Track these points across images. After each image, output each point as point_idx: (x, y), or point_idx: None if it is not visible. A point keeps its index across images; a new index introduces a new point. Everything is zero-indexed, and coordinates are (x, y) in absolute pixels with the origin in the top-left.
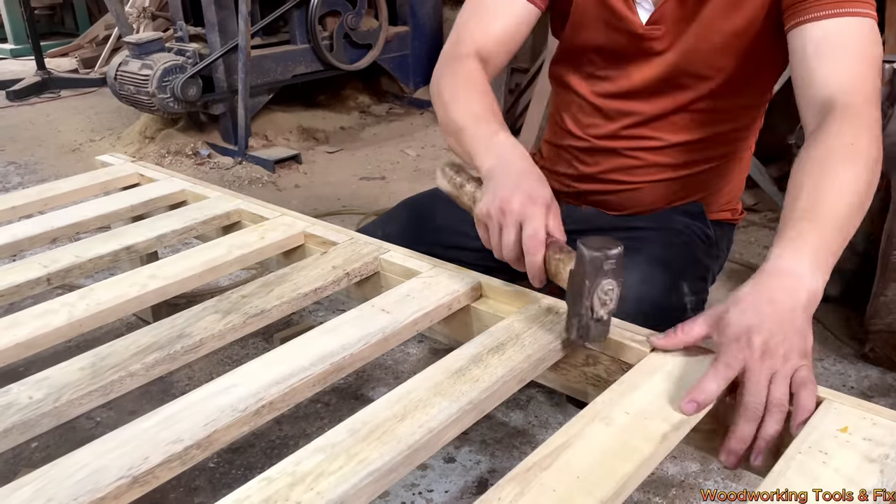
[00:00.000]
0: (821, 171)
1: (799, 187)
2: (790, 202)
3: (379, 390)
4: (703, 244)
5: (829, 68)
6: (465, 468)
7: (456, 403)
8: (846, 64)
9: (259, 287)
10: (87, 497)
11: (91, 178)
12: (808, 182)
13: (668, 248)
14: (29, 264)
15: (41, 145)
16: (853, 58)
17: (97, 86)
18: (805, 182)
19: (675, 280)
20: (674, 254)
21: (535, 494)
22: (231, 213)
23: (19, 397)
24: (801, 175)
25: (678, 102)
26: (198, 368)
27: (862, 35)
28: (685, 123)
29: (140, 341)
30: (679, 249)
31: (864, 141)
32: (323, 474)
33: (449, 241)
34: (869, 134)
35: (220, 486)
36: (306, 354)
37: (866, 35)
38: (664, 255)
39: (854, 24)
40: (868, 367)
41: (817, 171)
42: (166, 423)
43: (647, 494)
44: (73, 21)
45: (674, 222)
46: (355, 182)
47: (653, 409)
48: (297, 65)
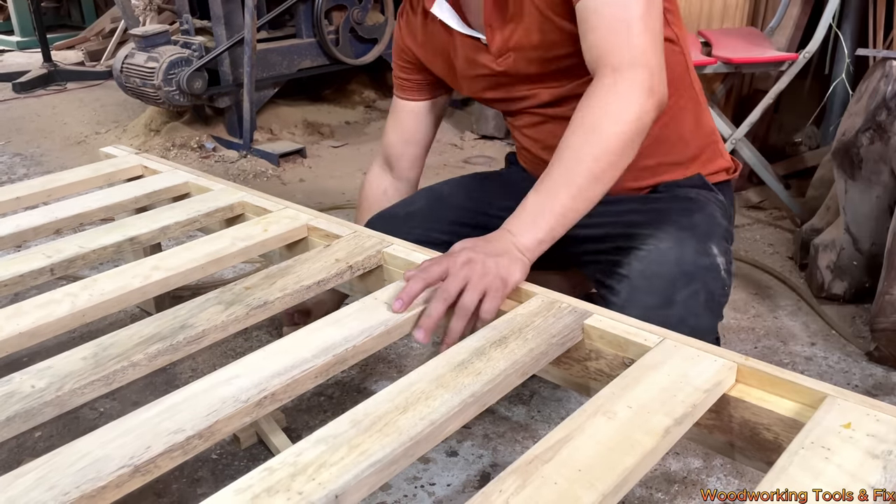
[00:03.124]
0: (559, 147)
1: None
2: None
3: (382, 384)
4: (718, 208)
5: (588, 42)
6: (468, 462)
7: (458, 396)
8: (601, 36)
9: (262, 279)
10: (89, 485)
11: (95, 169)
12: (555, 154)
13: (690, 215)
14: (33, 254)
15: (47, 137)
16: (608, 27)
17: (103, 78)
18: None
19: (704, 243)
20: (697, 220)
21: (536, 487)
22: (234, 205)
23: (22, 386)
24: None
25: (560, 84)
26: (201, 360)
27: (625, 2)
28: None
29: (143, 332)
30: (700, 215)
31: (607, 116)
32: (324, 465)
33: (471, 220)
34: (614, 109)
35: (222, 478)
36: (309, 346)
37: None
38: (688, 221)
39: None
40: (873, 366)
41: (560, 146)
42: (168, 413)
43: (650, 490)
44: (79, 14)
45: (686, 192)
46: (360, 176)
47: (655, 404)
48: (303, 59)
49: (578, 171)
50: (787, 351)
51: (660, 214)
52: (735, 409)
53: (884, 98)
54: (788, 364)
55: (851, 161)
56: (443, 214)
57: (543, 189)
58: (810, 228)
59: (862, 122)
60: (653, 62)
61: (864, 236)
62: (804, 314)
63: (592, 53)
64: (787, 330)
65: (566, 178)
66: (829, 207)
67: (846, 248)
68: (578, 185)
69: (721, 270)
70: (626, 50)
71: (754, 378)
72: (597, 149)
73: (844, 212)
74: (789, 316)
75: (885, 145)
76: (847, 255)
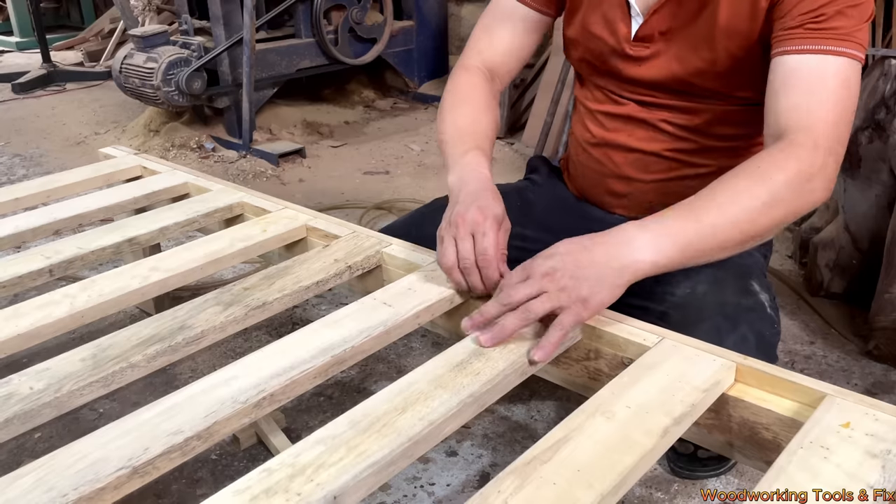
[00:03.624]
0: (721, 181)
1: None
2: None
3: (381, 384)
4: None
5: (791, 102)
6: (467, 462)
7: (457, 396)
8: (808, 102)
9: (261, 279)
10: (88, 487)
11: (94, 170)
12: (708, 188)
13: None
14: (32, 256)
15: (46, 138)
16: (818, 97)
17: (102, 79)
18: (708, 188)
19: (744, 281)
20: (734, 256)
21: (534, 487)
22: (234, 205)
23: (20, 388)
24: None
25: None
26: (201, 361)
27: (837, 76)
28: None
29: (141, 333)
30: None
31: (781, 175)
32: (323, 466)
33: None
34: (793, 171)
35: (222, 479)
36: (307, 347)
37: (842, 77)
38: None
39: (832, 64)
40: (872, 364)
41: (720, 181)
42: (167, 415)
43: (650, 490)
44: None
45: None
46: (359, 176)
47: (654, 404)
48: (302, 59)
49: (733, 221)
50: (786, 350)
51: None
52: (734, 409)
53: (882, 96)
54: (788, 363)
55: (850, 160)
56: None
57: (691, 219)
58: (809, 227)
59: (861, 121)
60: (841, 158)
61: (863, 235)
62: (803, 313)
63: (792, 114)
64: (787, 328)
65: (719, 225)
66: (829, 206)
67: (845, 247)
68: (727, 237)
69: (767, 308)
70: (831, 132)
71: (753, 377)
72: (761, 212)
73: (844, 210)
74: (789, 314)
75: (884, 144)
76: (846, 253)
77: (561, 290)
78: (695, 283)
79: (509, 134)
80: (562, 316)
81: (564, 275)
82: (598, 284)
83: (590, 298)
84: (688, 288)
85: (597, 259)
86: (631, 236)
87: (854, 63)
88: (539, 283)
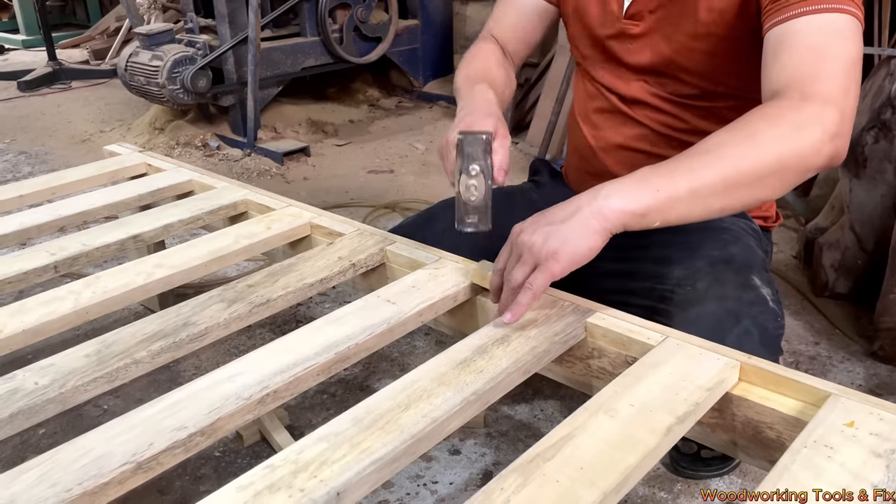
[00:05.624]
0: (705, 139)
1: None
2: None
3: (385, 382)
4: (753, 237)
5: (779, 65)
6: (470, 460)
7: (460, 394)
8: (795, 61)
9: (265, 277)
10: (92, 482)
11: (99, 167)
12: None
13: (725, 246)
14: (36, 252)
15: (52, 136)
16: (808, 54)
17: (108, 77)
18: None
19: (745, 275)
20: (733, 251)
21: (537, 485)
22: (238, 203)
23: (25, 383)
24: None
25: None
26: (205, 358)
27: (829, 31)
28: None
29: (146, 329)
30: (735, 245)
31: (764, 123)
32: (326, 462)
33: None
34: (779, 119)
35: (225, 475)
36: (311, 344)
37: (835, 31)
38: (723, 253)
39: (822, 21)
40: (877, 365)
41: (704, 139)
42: (171, 410)
43: (653, 489)
44: (84, 12)
45: (719, 222)
46: (364, 175)
47: (657, 402)
48: (307, 57)
49: (714, 167)
50: (790, 350)
51: (691, 248)
52: (738, 408)
53: (888, 96)
54: (792, 363)
55: (856, 159)
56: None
57: (665, 167)
58: (815, 227)
59: (867, 121)
60: (848, 110)
61: (868, 235)
62: (808, 313)
63: (782, 75)
64: (791, 329)
65: (696, 168)
66: (834, 206)
67: (851, 247)
68: (705, 183)
69: (769, 302)
70: (825, 83)
71: (757, 376)
72: (745, 158)
73: (849, 210)
74: (793, 315)
75: (889, 144)
76: (851, 253)
77: (530, 248)
78: (695, 280)
79: (513, 133)
80: (533, 275)
81: (533, 233)
82: (567, 233)
83: (559, 250)
84: (687, 285)
85: (565, 213)
86: (599, 188)
87: (845, 17)
88: (516, 250)
